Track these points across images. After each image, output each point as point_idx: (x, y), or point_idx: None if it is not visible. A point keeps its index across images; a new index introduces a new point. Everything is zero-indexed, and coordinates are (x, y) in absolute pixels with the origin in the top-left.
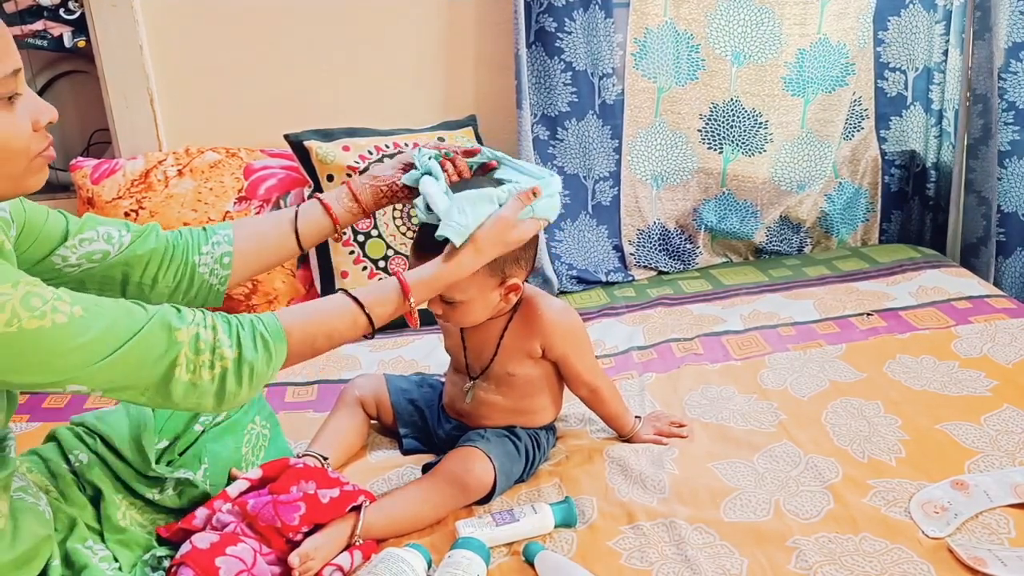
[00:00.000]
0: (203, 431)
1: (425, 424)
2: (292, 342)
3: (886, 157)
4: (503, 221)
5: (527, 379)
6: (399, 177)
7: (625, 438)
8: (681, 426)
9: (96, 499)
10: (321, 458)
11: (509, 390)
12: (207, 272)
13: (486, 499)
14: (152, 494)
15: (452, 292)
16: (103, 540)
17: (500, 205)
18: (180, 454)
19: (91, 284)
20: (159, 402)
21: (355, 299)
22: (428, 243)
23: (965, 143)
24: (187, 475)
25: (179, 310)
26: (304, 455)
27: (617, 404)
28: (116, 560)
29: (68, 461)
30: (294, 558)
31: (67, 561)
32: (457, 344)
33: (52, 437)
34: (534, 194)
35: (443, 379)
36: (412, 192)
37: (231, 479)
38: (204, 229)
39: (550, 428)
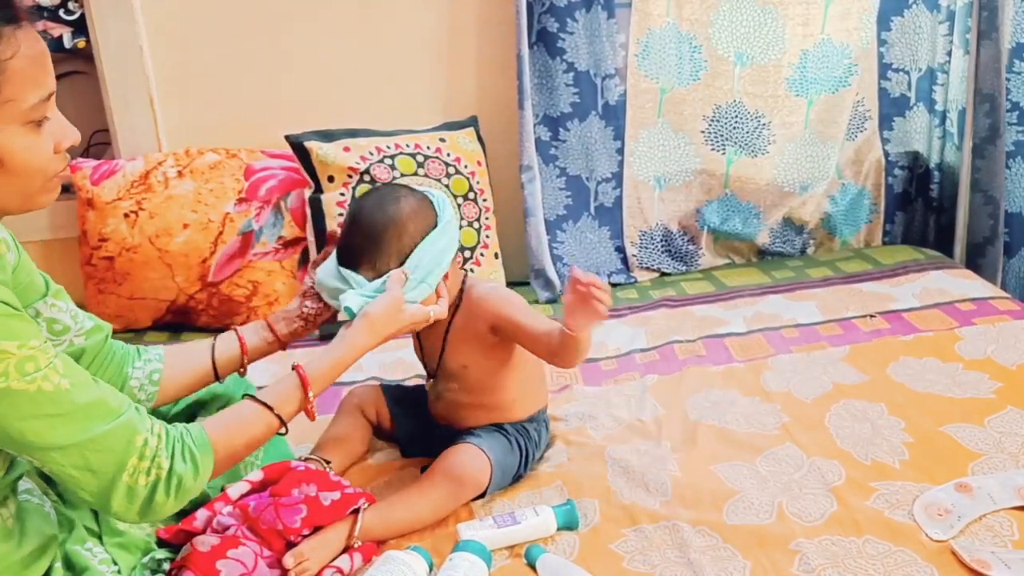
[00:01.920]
0: None
1: (423, 430)
2: (218, 456)
3: (889, 158)
4: (393, 300)
5: (482, 370)
6: (305, 304)
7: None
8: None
9: None
10: (324, 462)
11: (468, 385)
12: (137, 386)
13: (484, 494)
14: None
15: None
16: (102, 543)
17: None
18: None
19: None
20: (95, 500)
21: (266, 405)
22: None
23: (971, 143)
24: None
25: (139, 411)
26: (307, 459)
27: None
28: (115, 563)
29: None
30: (288, 559)
31: (67, 563)
32: (416, 346)
33: None
34: (405, 275)
35: None
36: (325, 314)
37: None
38: (138, 348)
39: (538, 421)
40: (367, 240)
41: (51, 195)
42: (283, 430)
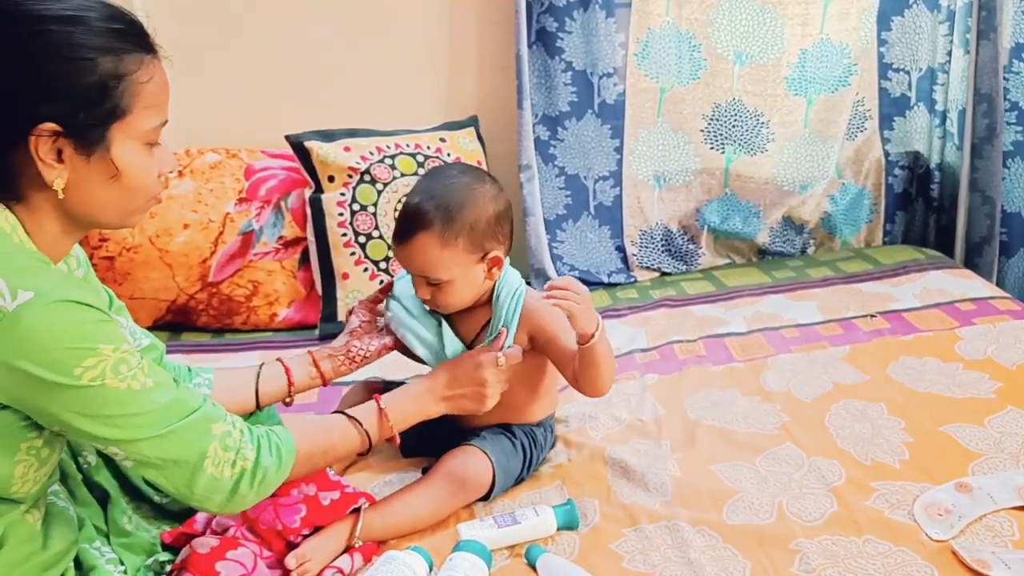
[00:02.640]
0: None
1: (424, 430)
2: (299, 457)
3: (889, 158)
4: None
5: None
6: (353, 344)
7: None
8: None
9: (104, 501)
10: None
11: None
12: None
13: (485, 497)
14: (159, 498)
15: (436, 272)
16: (109, 542)
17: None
18: None
19: None
20: (179, 488)
21: (355, 420)
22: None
23: (971, 143)
24: None
25: (216, 406)
26: None
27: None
28: (121, 563)
29: (77, 462)
30: (291, 559)
31: (75, 561)
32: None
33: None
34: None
35: None
36: (372, 357)
37: None
38: (190, 368)
39: (546, 426)
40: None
41: (143, 216)
42: (365, 450)
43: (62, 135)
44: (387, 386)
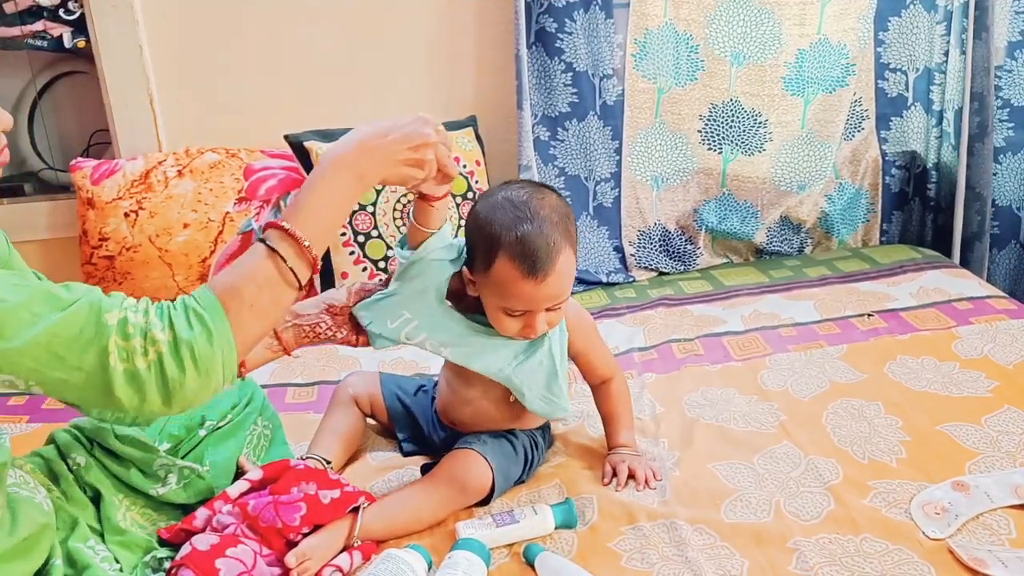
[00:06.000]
0: (206, 435)
1: (419, 427)
2: (228, 308)
3: (887, 158)
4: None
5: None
6: (323, 320)
7: (610, 448)
8: (656, 479)
9: (97, 500)
10: (324, 461)
11: (502, 394)
12: None
13: (485, 501)
14: (155, 490)
15: (567, 292)
16: (104, 541)
17: None
18: (182, 458)
19: None
20: (103, 400)
21: (269, 247)
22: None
23: (967, 142)
24: (193, 465)
25: (111, 295)
26: (306, 458)
27: (622, 407)
28: (117, 561)
29: (67, 463)
30: (291, 558)
31: (69, 561)
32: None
33: (51, 440)
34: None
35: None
36: (332, 340)
37: (239, 469)
38: None
39: (546, 428)
40: None
41: None
42: (298, 283)
43: None
44: (384, 381)
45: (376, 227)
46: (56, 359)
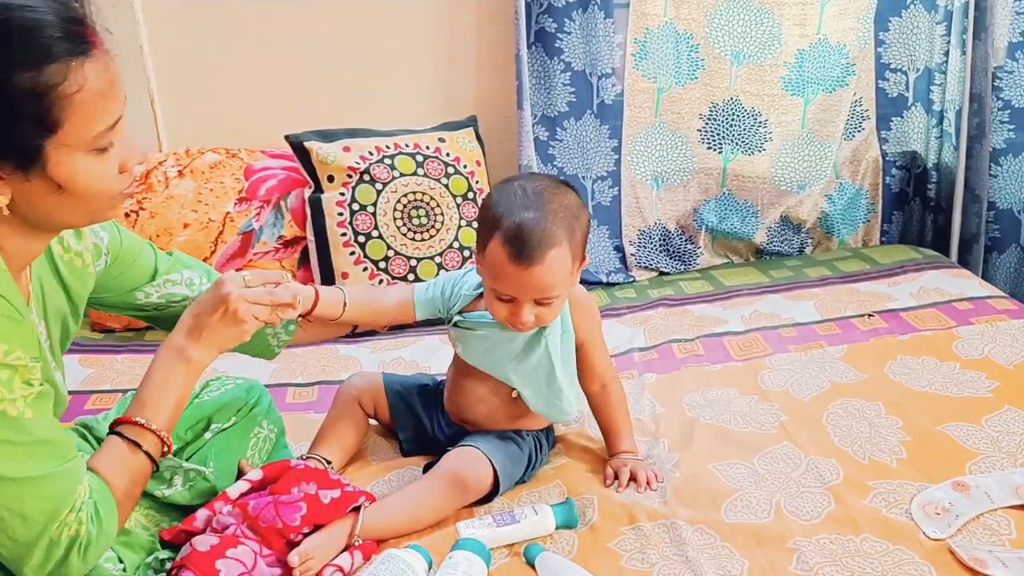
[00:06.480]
0: (211, 437)
1: (423, 426)
2: (120, 507)
3: (887, 158)
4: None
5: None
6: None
7: (611, 454)
8: (657, 481)
9: None
10: (324, 461)
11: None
12: (271, 333)
13: (487, 499)
14: (161, 491)
15: (559, 288)
16: None
17: None
18: (187, 460)
19: (165, 322)
20: (12, 551)
21: (135, 444)
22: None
23: (966, 143)
24: (199, 467)
25: (82, 459)
26: (307, 458)
27: (621, 415)
28: (120, 561)
29: None
30: (293, 557)
31: None
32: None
33: None
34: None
35: (441, 378)
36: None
37: (240, 471)
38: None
39: (550, 429)
40: None
41: (117, 210)
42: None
43: None
44: (388, 381)
45: (376, 227)
46: (17, 503)
